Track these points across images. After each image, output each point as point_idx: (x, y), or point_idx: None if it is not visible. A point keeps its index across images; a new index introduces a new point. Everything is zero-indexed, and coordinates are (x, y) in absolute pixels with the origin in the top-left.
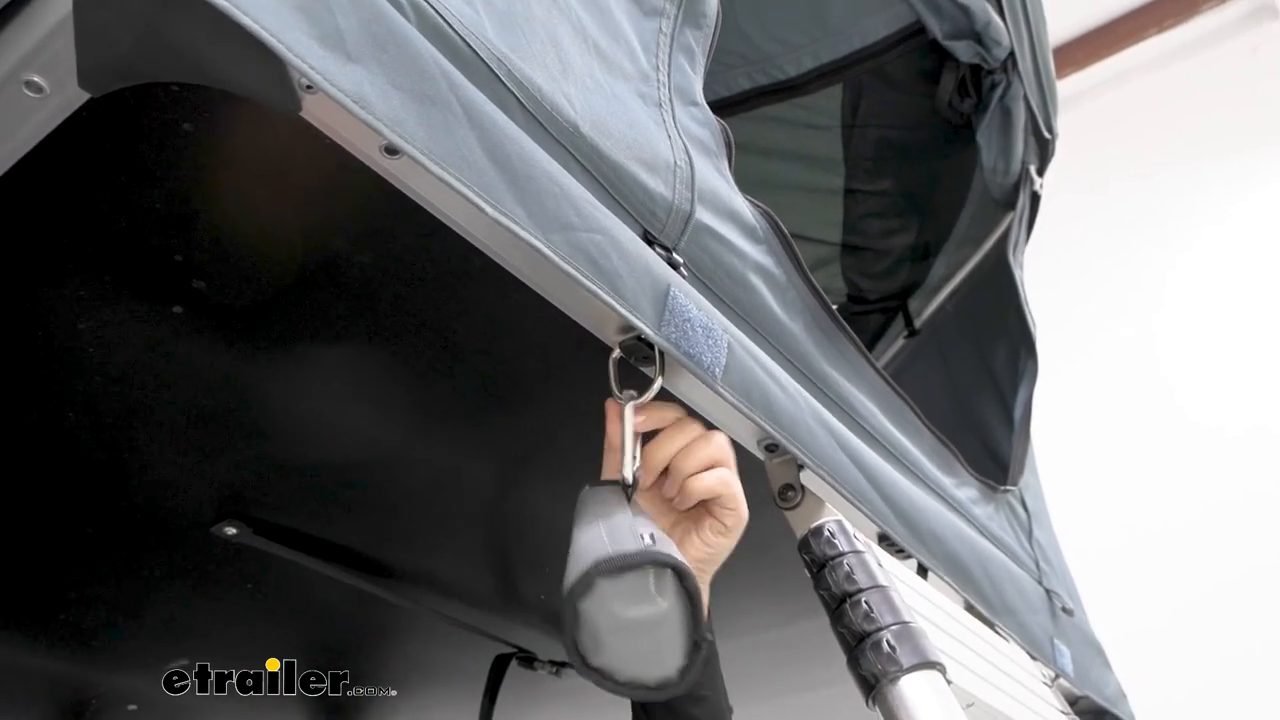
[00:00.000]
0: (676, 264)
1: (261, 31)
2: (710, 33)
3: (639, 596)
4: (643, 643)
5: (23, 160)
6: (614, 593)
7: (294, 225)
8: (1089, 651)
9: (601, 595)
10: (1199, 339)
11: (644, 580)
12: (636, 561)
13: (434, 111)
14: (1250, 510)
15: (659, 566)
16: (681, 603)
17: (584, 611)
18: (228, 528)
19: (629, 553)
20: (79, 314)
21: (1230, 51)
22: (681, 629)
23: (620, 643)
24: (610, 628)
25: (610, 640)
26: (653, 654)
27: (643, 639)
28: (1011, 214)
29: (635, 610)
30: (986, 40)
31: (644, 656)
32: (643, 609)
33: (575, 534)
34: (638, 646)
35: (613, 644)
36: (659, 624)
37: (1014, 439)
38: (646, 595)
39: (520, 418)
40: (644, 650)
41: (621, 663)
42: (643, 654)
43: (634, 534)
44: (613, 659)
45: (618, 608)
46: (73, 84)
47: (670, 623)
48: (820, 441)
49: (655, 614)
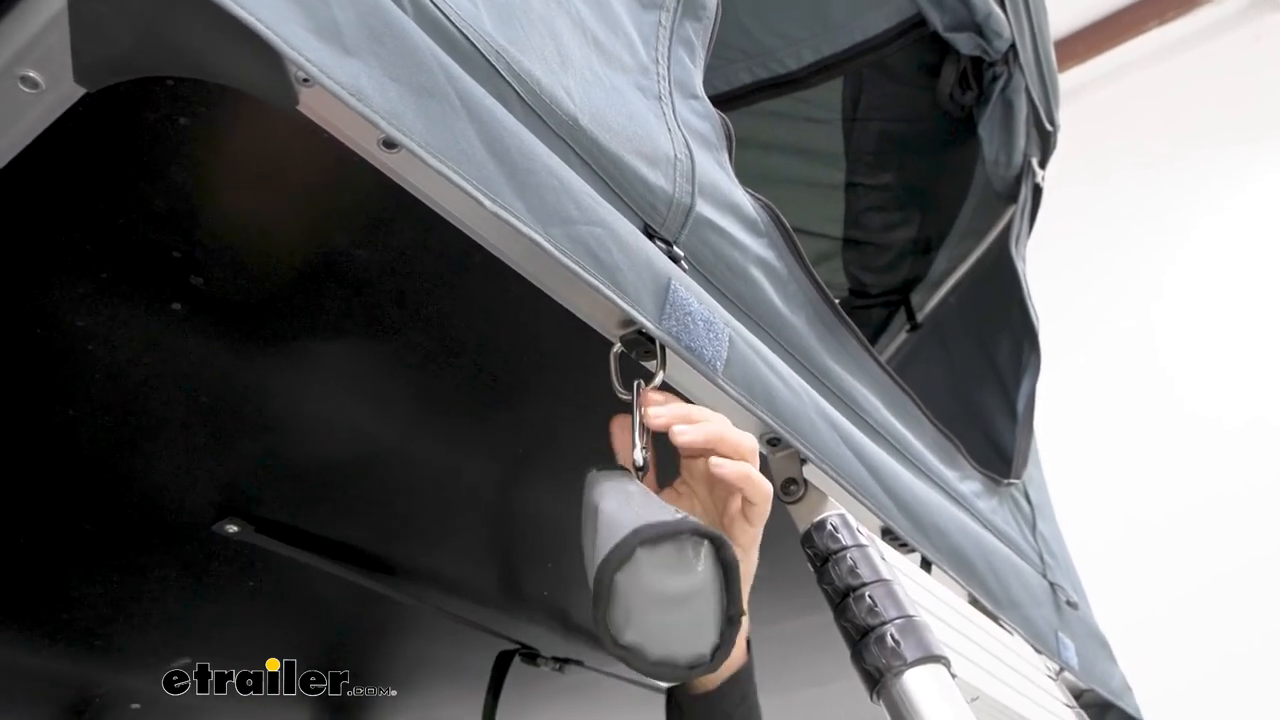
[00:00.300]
0: (677, 257)
1: (257, 24)
2: (710, 25)
3: (678, 567)
4: (677, 617)
5: (19, 156)
6: (653, 562)
7: (293, 220)
8: (1094, 645)
9: (639, 565)
10: (1201, 331)
11: (683, 550)
12: (676, 529)
13: (432, 104)
14: (1250, 501)
15: (697, 536)
16: (718, 574)
17: (619, 584)
18: (229, 525)
19: (668, 521)
20: (77, 311)
21: (1232, 43)
22: (717, 602)
23: (654, 617)
24: (646, 600)
25: (644, 614)
26: (687, 630)
27: (677, 613)
28: (1013, 207)
29: (673, 581)
30: (987, 32)
31: (677, 632)
32: (681, 580)
33: (600, 507)
34: (672, 621)
35: (646, 618)
36: (695, 597)
37: (1017, 432)
38: (685, 565)
39: (522, 413)
40: (678, 626)
41: (654, 639)
42: (676, 630)
43: (663, 508)
44: (645, 635)
45: (656, 578)
46: (68, 79)
47: (706, 595)
48: (823, 435)
49: (692, 585)
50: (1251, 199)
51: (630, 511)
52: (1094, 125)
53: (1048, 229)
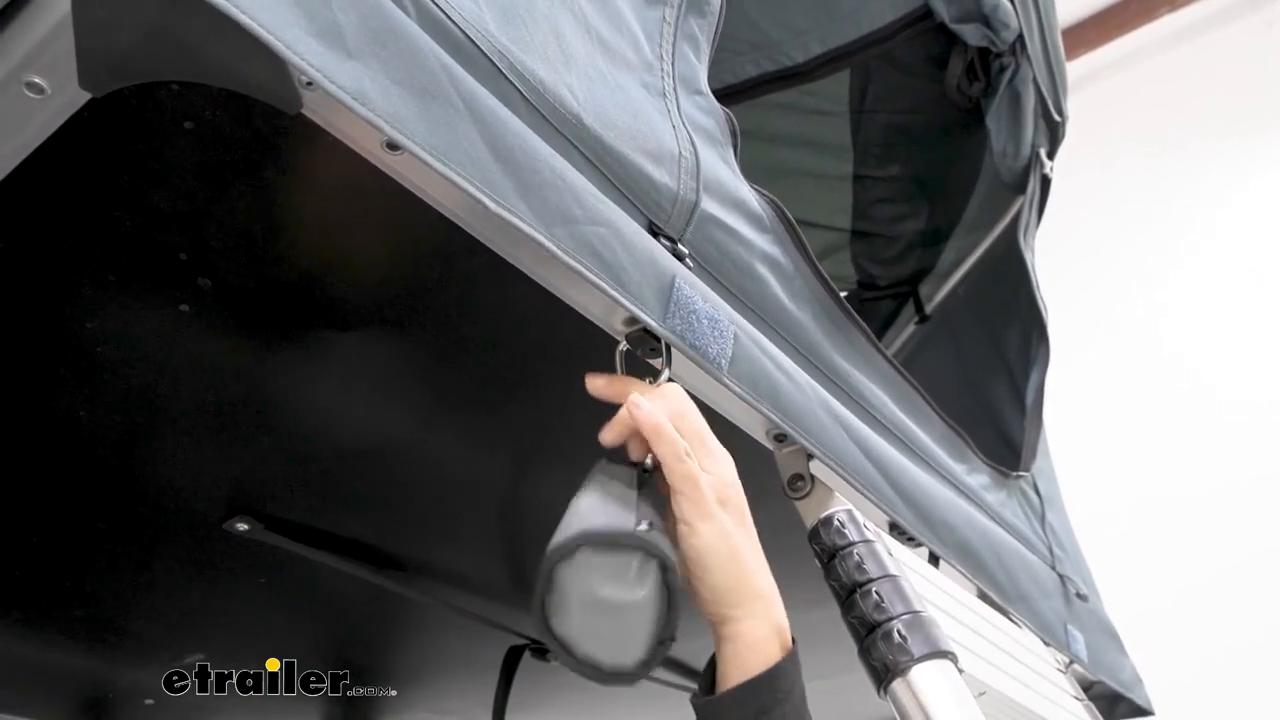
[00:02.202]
0: (682, 255)
1: (259, 29)
2: (715, 20)
3: (618, 578)
4: (609, 624)
5: (26, 161)
6: (594, 566)
7: (299, 221)
8: (1103, 637)
9: (581, 565)
10: (1211, 320)
11: (628, 563)
12: (625, 543)
13: (435, 106)
14: (1262, 490)
15: (646, 555)
16: (660, 597)
17: (559, 576)
18: (239, 523)
19: (620, 531)
20: (86, 313)
21: (1244, 29)
22: (653, 623)
23: (587, 618)
24: (581, 599)
25: (578, 612)
26: (616, 639)
27: (609, 621)
28: (1022, 198)
29: (610, 590)
30: (994, 23)
31: (606, 639)
32: (618, 591)
33: (574, 499)
34: (602, 627)
35: (579, 617)
36: (630, 611)
37: (1026, 424)
38: (626, 580)
39: (530, 408)
40: (607, 633)
41: (582, 638)
42: (606, 636)
43: (631, 517)
44: (575, 631)
45: (594, 582)
46: (73, 84)
47: (642, 613)
48: (829, 431)
49: (630, 600)
50: (1263, 187)
51: (598, 510)
52: (1104, 112)
53: (1057, 217)
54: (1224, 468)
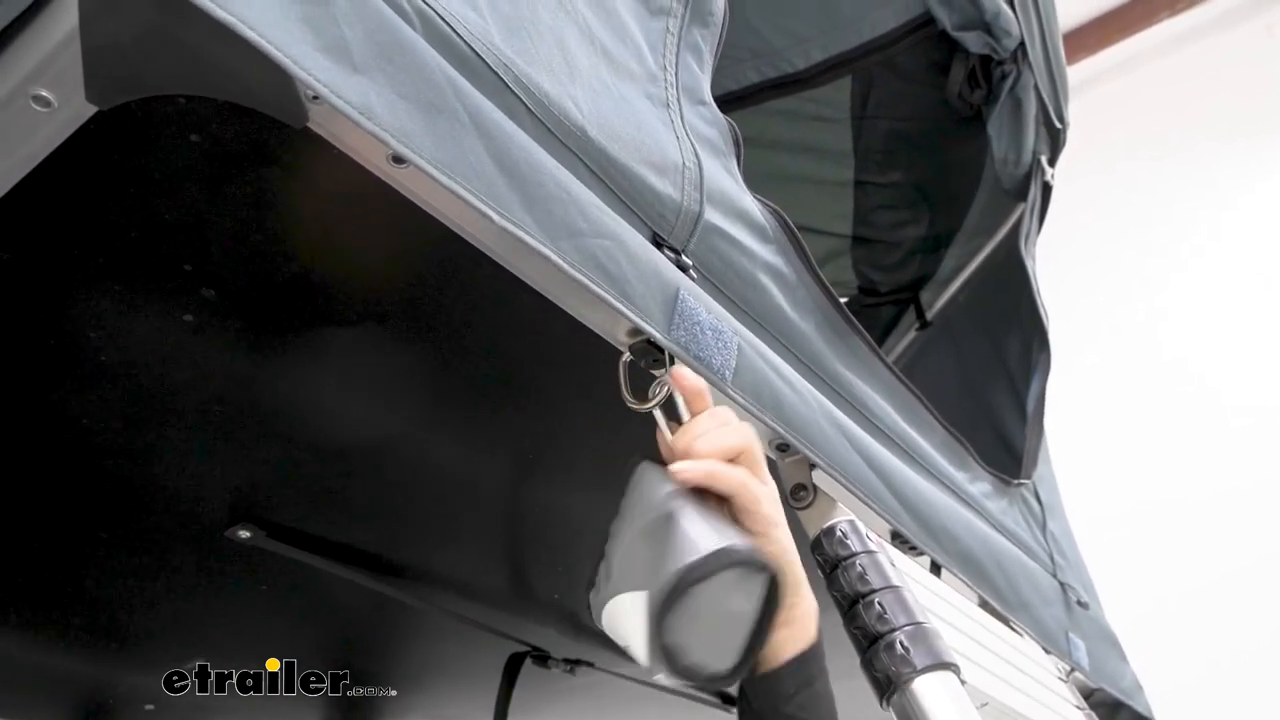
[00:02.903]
0: (686, 266)
1: (265, 44)
2: (718, 31)
3: (744, 591)
4: (718, 634)
5: (33, 173)
6: (729, 583)
7: (302, 233)
8: (1104, 644)
9: (719, 582)
10: (1214, 324)
11: (753, 577)
12: (757, 560)
13: (440, 120)
14: (1266, 495)
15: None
16: (764, 607)
17: (695, 594)
18: (242, 531)
19: (748, 548)
20: (90, 322)
21: (1244, 34)
22: (751, 630)
23: (704, 629)
24: (709, 613)
25: (700, 625)
26: (720, 647)
27: (721, 631)
28: (1023, 205)
29: (736, 603)
30: (996, 30)
31: (712, 647)
32: (740, 604)
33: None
34: (713, 636)
35: (699, 629)
36: (740, 621)
37: (1027, 431)
38: (749, 592)
39: (533, 416)
40: (715, 641)
41: (692, 647)
42: (712, 644)
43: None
44: (688, 642)
45: (726, 597)
46: (80, 97)
47: (747, 622)
48: (832, 441)
49: (744, 611)
50: (1264, 191)
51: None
52: (1104, 117)
53: (1058, 223)
54: (1226, 473)
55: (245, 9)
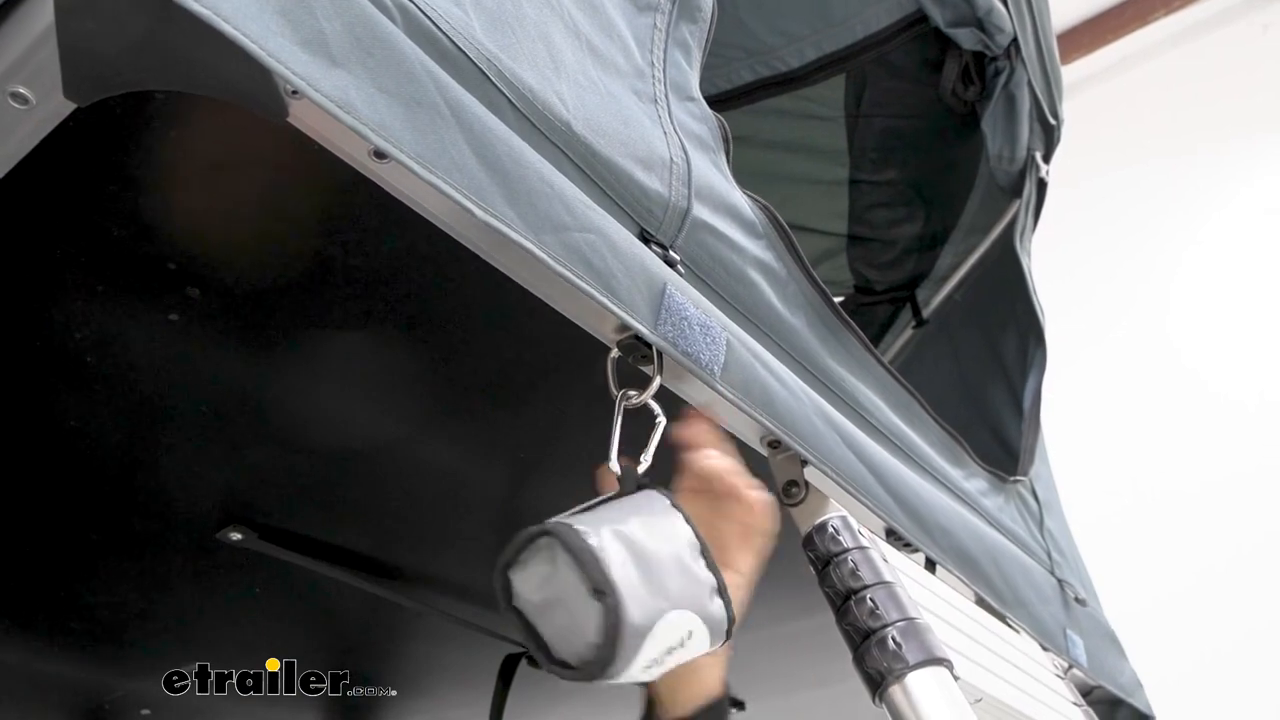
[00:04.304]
0: (674, 261)
1: (243, 38)
2: (706, 27)
3: (538, 574)
4: (564, 618)
5: (12, 172)
6: (522, 578)
7: (286, 230)
8: (1103, 641)
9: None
10: (1213, 324)
11: (537, 557)
12: (521, 542)
13: (421, 114)
14: (1264, 490)
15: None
16: (570, 562)
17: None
18: (233, 533)
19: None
20: (75, 323)
21: (1239, 32)
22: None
23: (551, 625)
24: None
25: (544, 626)
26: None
27: (563, 614)
28: (1018, 202)
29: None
30: (989, 27)
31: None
32: (548, 585)
33: None
34: (563, 623)
35: (547, 629)
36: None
37: (1024, 428)
38: (545, 570)
39: (524, 416)
40: (568, 624)
41: (561, 646)
42: (570, 628)
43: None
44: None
45: (530, 590)
46: (58, 95)
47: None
48: (823, 437)
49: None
50: (1259, 190)
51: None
52: (1100, 116)
53: (1055, 219)
54: (1224, 468)
55: (221, 2)
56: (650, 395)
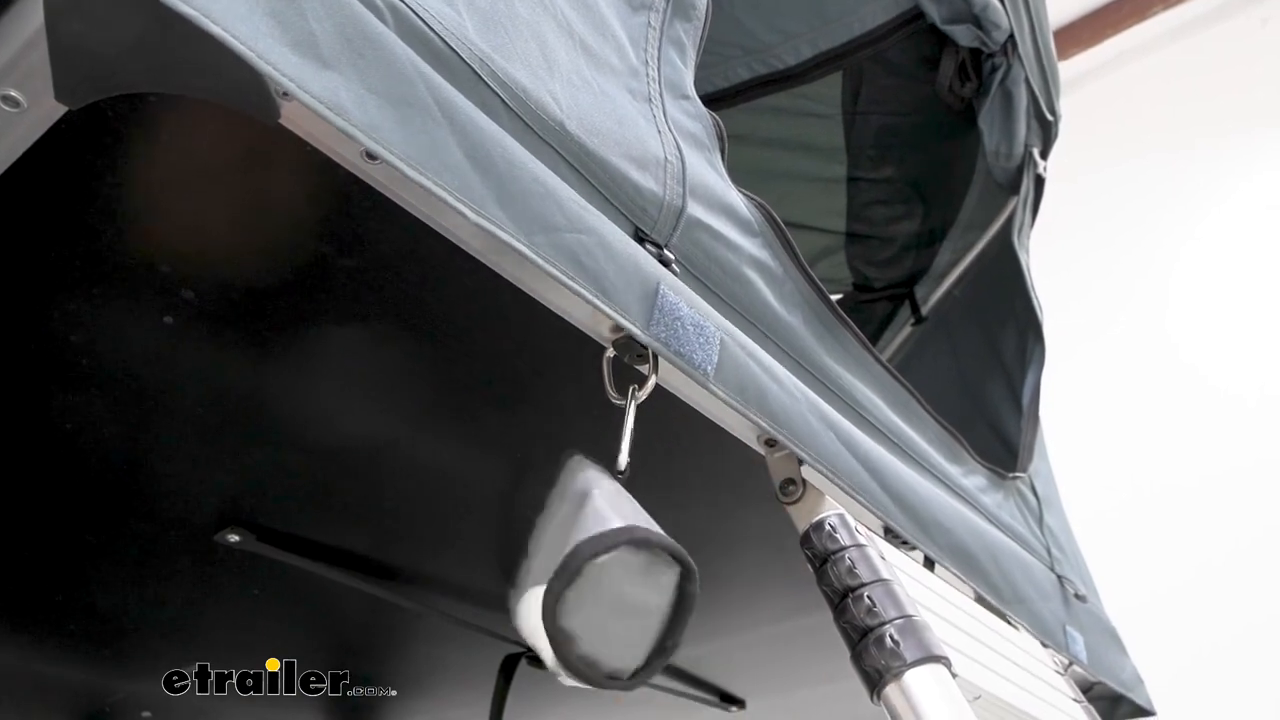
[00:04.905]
0: (668, 260)
1: (233, 40)
2: (701, 25)
3: (648, 580)
4: (619, 627)
5: (4, 175)
6: (628, 566)
7: (280, 231)
8: (1104, 637)
9: (615, 563)
10: (1212, 319)
11: (657, 566)
12: (663, 543)
13: (412, 115)
14: (1263, 485)
15: (672, 561)
16: (674, 602)
17: (589, 571)
18: (231, 535)
19: (659, 534)
20: (70, 327)
21: (1238, 26)
22: (659, 628)
23: (603, 615)
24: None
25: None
26: (622, 642)
27: (622, 623)
28: (1016, 198)
29: (635, 591)
30: (985, 24)
31: (613, 640)
32: (644, 594)
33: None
34: (613, 628)
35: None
36: (646, 614)
37: (1023, 425)
38: (654, 583)
39: (523, 416)
40: (617, 634)
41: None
42: (614, 637)
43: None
44: (584, 627)
45: (624, 581)
46: (50, 97)
47: (655, 618)
48: (819, 435)
49: (649, 603)
50: (1258, 185)
51: (623, 510)
52: (1099, 112)
53: (1053, 216)
54: (1222, 462)
55: (211, 4)
56: (646, 394)
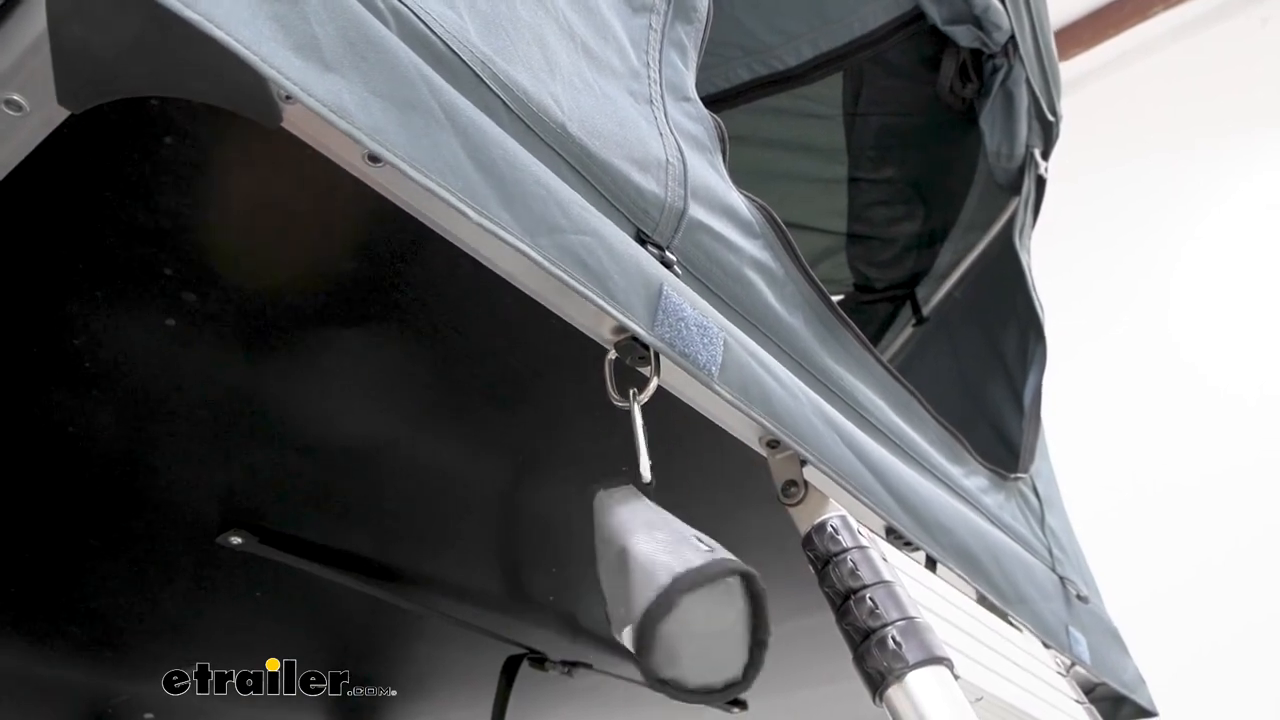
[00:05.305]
0: (670, 262)
1: (234, 44)
2: (701, 27)
3: (716, 607)
4: (712, 649)
5: (7, 178)
6: (694, 608)
7: (282, 234)
8: (1106, 638)
9: (682, 613)
10: (1213, 318)
11: (719, 590)
12: (713, 574)
13: (415, 118)
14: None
15: (732, 575)
16: (749, 606)
17: (665, 633)
18: (233, 537)
19: (704, 566)
20: (73, 329)
21: (1238, 26)
22: (746, 630)
23: (694, 653)
24: (688, 642)
25: (685, 652)
26: (720, 658)
27: (713, 646)
28: (1017, 199)
29: (712, 622)
30: (986, 24)
31: (713, 662)
32: (718, 619)
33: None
34: (707, 654)
35: (687, 656)
36: (729, 629)
37: (1024, 425)
38: (722, 605)
39: (524, 418)
40: (713, 656)
41: (693, 672)
42: (712, 660)
43: (692, 543)
44: (685, 670)
45: (697, 622)
46: (52, 101)
47: (738, 626)
48: (822, 436)
49: (727, 621)
50: (1259, 184)
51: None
52: (1101, 112)
53: (1055, 216)
54: (1222, 462)
55: (214, 8)
56: (649, 395)
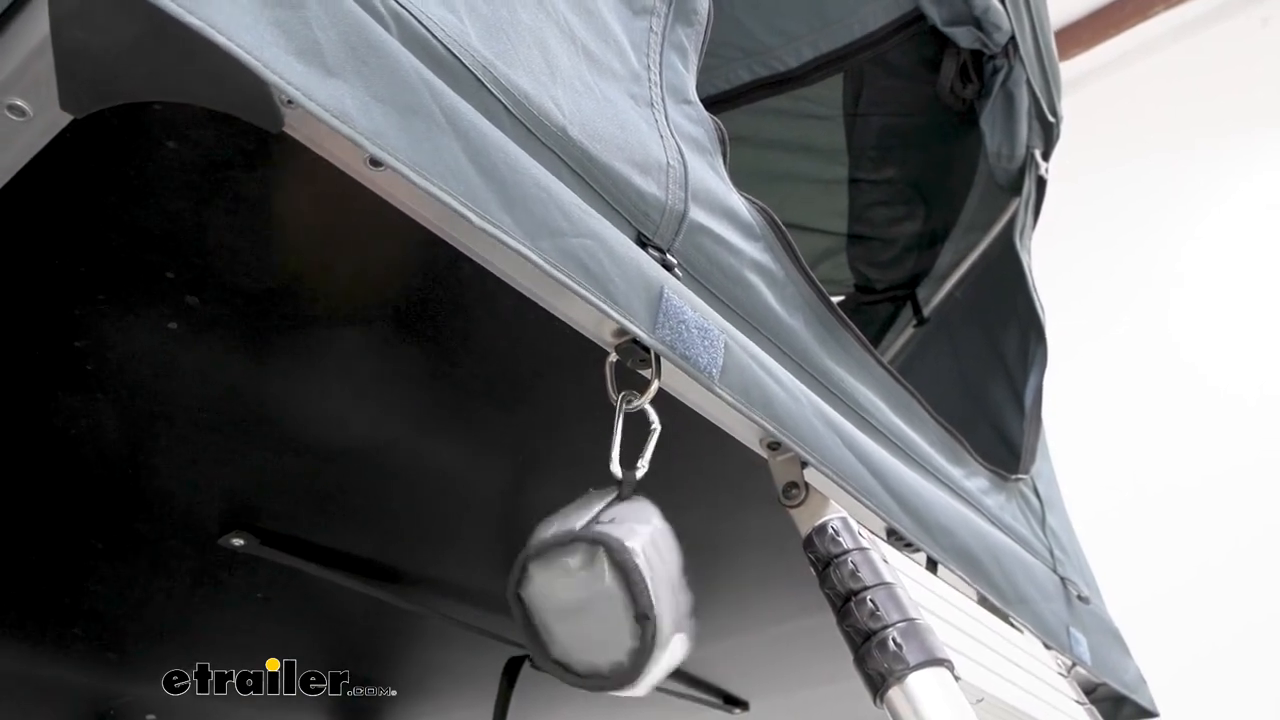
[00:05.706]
0: (671, 265)
1: (237, 49)
2: (702, 29)
3: (569, 576)
4: (589, 627)
5: (10, 183)
6: (546, 576)
7: (284, 238)
8: (1107, 638)
9: (536, 581)
10: (1214, 318)
11: (574, 560)
12: (561, 542)
13: (417, 122)
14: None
15: (589, 544)
16: (619, 579)
17: (526, 599)
18: (235, 539)
19: (552, 535)
20: (76, 332)
21: (1238, 26)
22: (623, 606)
23: (568, 629)
24: (554, 613)
25: (558, 627)
26: (601, 638)
27: (589, 623)
28: (1018, 199)
29: (569, 591)
30: (986, 25)
31: (593, 641)
32: (576, 589)
33: None
34: (586, 632)
35: (561, 631)
36: (600, 604)
37: (1025, 426)
38: (579, 575)
39: (525, 419)
40: (593, 635)
41: (575, 651)
42: (592, 640)
43: (580, 518)
44: (565, 648)
45: (553, 591)
46: (55, 106)
47: (611, 601)
48: (823, 438)
49: (593, 594)
50: (1260, 184)
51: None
52: (1101, 112)
53: (1055, 217)
54: (1223, 462)
55: (216, 14)
56: (649, 399)
